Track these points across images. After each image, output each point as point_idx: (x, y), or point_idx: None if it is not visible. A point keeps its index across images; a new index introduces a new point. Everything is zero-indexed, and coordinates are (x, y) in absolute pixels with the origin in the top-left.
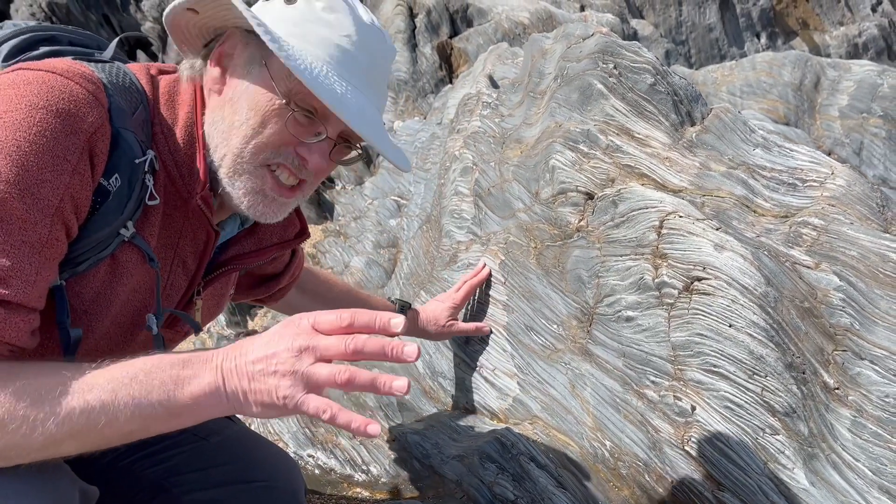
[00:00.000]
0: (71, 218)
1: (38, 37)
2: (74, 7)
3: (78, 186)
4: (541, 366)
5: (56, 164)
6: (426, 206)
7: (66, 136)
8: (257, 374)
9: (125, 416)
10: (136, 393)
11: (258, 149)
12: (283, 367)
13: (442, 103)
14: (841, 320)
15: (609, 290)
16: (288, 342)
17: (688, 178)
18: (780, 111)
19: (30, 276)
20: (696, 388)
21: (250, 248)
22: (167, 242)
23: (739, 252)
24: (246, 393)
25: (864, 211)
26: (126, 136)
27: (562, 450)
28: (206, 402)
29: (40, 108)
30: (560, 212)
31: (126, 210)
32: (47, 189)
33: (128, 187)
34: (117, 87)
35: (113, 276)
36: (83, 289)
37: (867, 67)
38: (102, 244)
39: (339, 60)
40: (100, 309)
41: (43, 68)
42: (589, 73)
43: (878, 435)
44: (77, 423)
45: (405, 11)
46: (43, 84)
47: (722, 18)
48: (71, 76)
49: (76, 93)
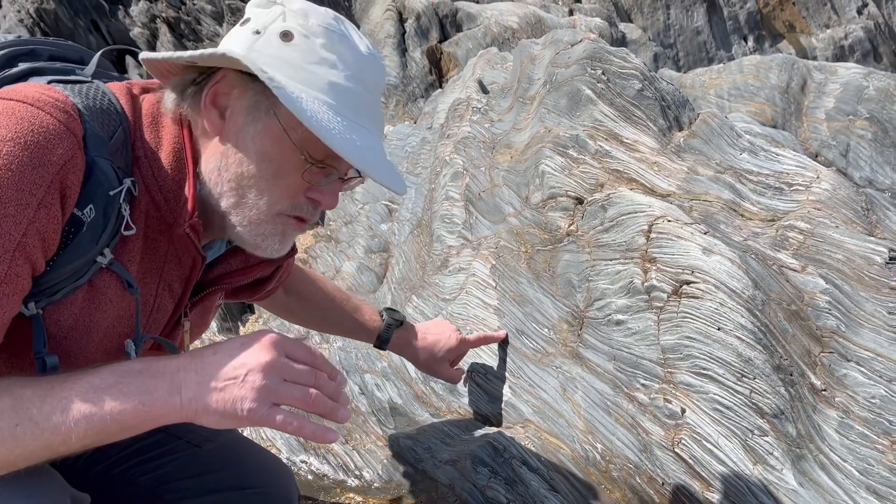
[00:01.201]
0: (36, 253)
1: (16, 52)
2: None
3: (44, 220)
4: (532, 370)
5: (20, 198)
6: (417, 211)
7: (32, 169)
8: (223, 384)
9: (77, 435)
10: (88, 410)
11: (274, 202)
12: (251, 378)
13: (432, 108)
14: (827, 322)
15: (599, 293)
16: (259, 356)
17: (676, 183)
18: (768, 114)
19: None
20: (686, 391)
21: (237, 266)
22: (151, 268)
23: (727, 256)
24: (206, 402)
25: (849, 214)
26: (102, 165)
27: (553, 453)
28: (160, 411)
29: (7, 141)
30: (550, 216)
31: (101, 240)
32: (9, 223)
33: (103, 217)
34: (94, 111)
35: (91, 302)
36: (61, 316)
37: (853, 70)
38: (78, 273)
39: (345, 102)
40: (79, 335)
41: (14, 97)
42: (577, 78)
43: (865, 436)
44: (29, 445)
45: (395, 16)
46: (12, 115)
47: (709, 21)
48: (42, 105)
49: (46, 124)
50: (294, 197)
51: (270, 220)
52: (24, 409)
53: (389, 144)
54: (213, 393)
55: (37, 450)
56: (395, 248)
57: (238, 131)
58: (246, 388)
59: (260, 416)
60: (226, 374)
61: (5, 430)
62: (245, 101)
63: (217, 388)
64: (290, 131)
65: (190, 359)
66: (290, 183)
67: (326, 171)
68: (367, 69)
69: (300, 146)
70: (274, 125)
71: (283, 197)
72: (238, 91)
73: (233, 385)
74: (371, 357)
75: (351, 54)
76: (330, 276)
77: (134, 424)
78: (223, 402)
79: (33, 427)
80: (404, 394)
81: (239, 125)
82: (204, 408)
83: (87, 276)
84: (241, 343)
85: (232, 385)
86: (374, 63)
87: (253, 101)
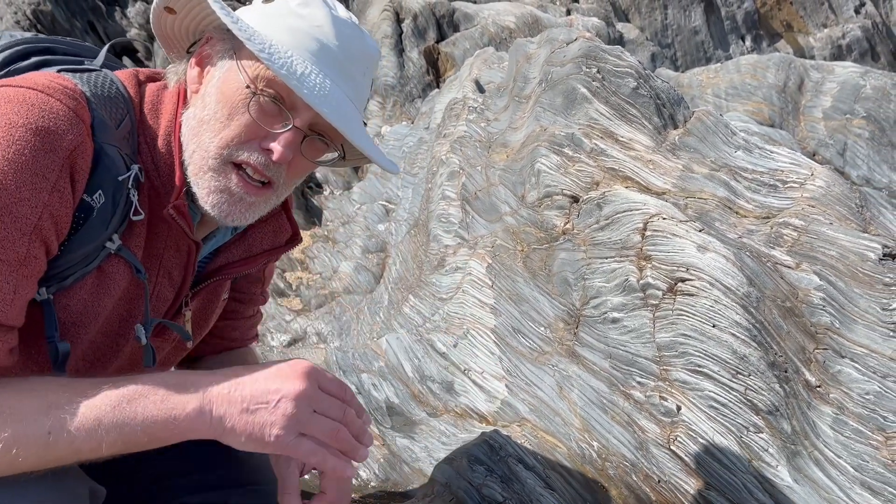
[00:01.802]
0: (50, 235)
1: (32, 48)
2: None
3: (57, 204)
4: (529, 368)
5: (34, 182)
6: (414, 211)
7: (44, 154)
8: (255, 406)
9: (108, 444)
10: (120, 421)
11: (224, 142)
12: (283, 405)
13: (429, 108)
14: (821, 319)
15: (595, 291)
16: (294, 384)
17: (671, 181)
18: (765, 113)
19: (7, 295)
20: (682, 388)
21: (239, 255)
22: (152, 254)
23: (722, 253)
24: (235, 423)
25: (844, 211)
26: (109, 151)
27: (550, 451)
28: (189, 426)
29: (19, 127)
30: (546, 215)
31: (110, 225)
32: (25, 207)
33: (112, 203)
34: (102, 98)
35: (100, 287)
36: (71, 301)
37: (850, 69)
38: (88, 258)
39: (308, 48)
40: (88, 320)
41: (24, 85)
42: (573, 77)
43: (860, 432)
44: (60, 451)
45: (392, 16)
46: (23, 102)
47: (707, 21)
48: (51, 92)
49: (56, 109)
50: (245, 140)
51: (217, 168)
52: (56, 415)
53: (387, 145)
54: (244, 415)
55: (66, 456)
56: (392, 247)
57: (209, 81)
58: (276, 414)
59: (286, 444)
60: (258, 397)
61: (38, 437)
62: (217, 50)
63: (247, 410)
64: (246, 68)
65: (224, 377)
66: (241, 122)
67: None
68: (342, 31)
69: (252, 81)
70: (234, 65)
71: (233, 136)
72: (215, 46)
73: (264, 410)
74: (368, 357)
75: (325, 13)
76: (327, 276)
77: (163, 437)
78: (252, 426)
79: (65, 435)
80: (401, 393)
81: (210, 75)
82: (231, 428)
83: (96, 262)
84: (276, 368)
85: (263, 409)
86: (353, 29)
87: (222, 47)
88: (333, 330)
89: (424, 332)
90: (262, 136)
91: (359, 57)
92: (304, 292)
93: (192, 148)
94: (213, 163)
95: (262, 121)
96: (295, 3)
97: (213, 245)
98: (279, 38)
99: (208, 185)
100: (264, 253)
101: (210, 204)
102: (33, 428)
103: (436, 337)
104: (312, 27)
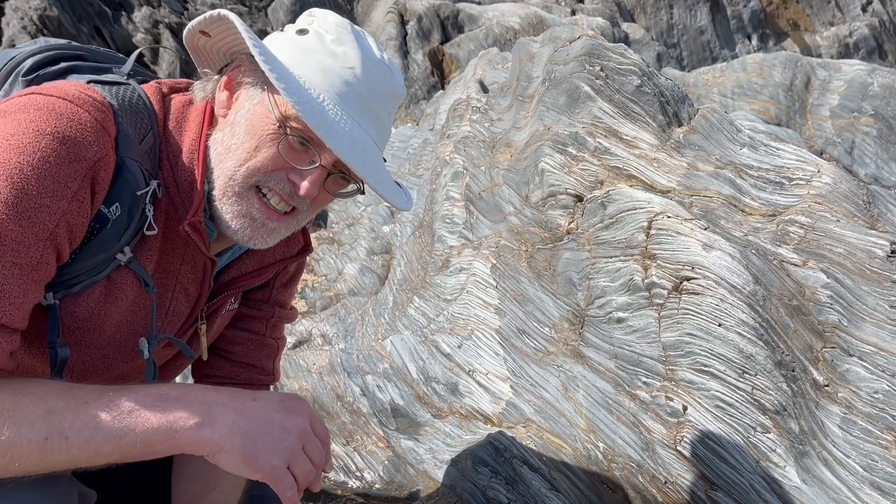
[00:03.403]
0: (64, 243)
1: (60, 55)
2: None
3: (75, 213)
4: (533, 369)
5: (56, 189)
6: (419, 212)
7: (69, 163)
8: (257, 434)
9: (105, 453)
10: (119, 431)
11: (250, 171)
12: (283, 438)
13: (434, 109)
14: (829, 317)
15: (600, 291)
16: (294, 420)
17: (676, 179)
18: (772, 112)
19: (16, 298)
20: (688, 388)
21: (252, 266)
22: (168, 269)
23: (727, 251)
24: (235, 444)
25: (851, 208)
26: (130, 165)
27: (555, 452)
28: (189, 440)
29: (47, 134)
30: (550, 214)
31: (123, 238)
32: (44, 214)
33: (127, 216)
34: (128, 111)
35: (107, 297)
36: (77, 308)
37: (857, 67)
38: (98, 268)
39: (339, 91)
40: (92, 328)
41: (54, 94)
42: (576, 75)
43: (868, 431)
44: (56, 458)
45: (396, 18)
46: (52, 110)
47: (713, 20)
48: (80, 103)
49: (84, 120)
50: (271, 171)
51: (241, 194)
52: (55, 421)
53: (391, 147)
54: (245, 438)
55: (62, 462)
56: (396, 249)
57: (238, 109)
58: (277, 444)
59: (277, 474)
60: (261, 424)
61: (35, 442)
62: (248, 81)
63: (249, 434)
64: (276, 106)
65: (230, 397)
66: (268, 156)
67: (309, 156)
68: (373, 71)
69: (282, 120)
70: (265, 99)
71: (259, 168)
72: (247, 74)
73: (265, 436)
74: (373, 359)
75: (358, 53)
76: (332, 278)
77: (161, 449)
78: (250, 449)
79: (63, 442)
80: (406, 395)
81: (240, 103)
82: (230, 448)
83: (105, 272)
84: (281, 401)
85: (265, 436)
86: (384, 69)
87: (254, 79)
88: (338, 332)
89: (429, 333)
90: (288, 169)
91: (385, 97)
92: (309, 294)
93: (217, 172)
94: (238, 188)
95: (289, 157)
96: (329, 38)
97: (227, 259)
98: (311, 79)
99: (232, 210)
100: (276, 263)
101: (234, 227)
102: (30, 433)
103: (440, 338)
104: (344, 69)
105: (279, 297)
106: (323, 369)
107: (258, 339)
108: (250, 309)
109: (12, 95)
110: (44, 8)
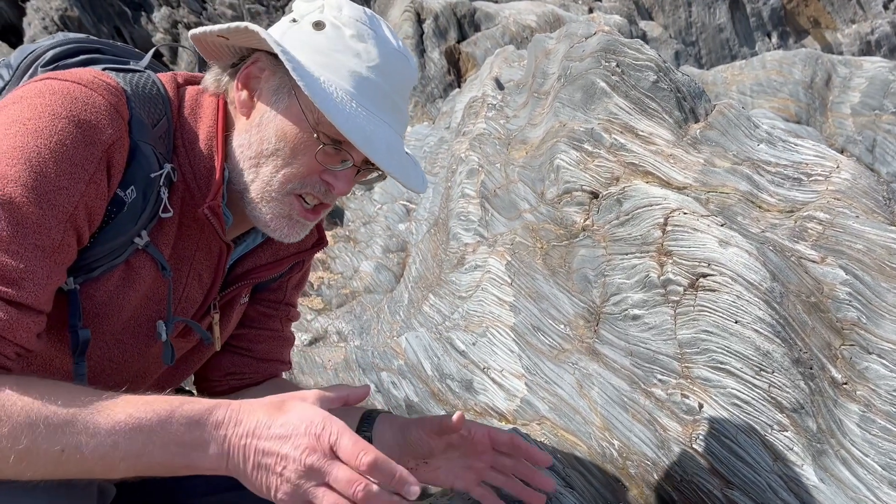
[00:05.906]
0: (83, 226)
1: (80, 48)
2: (86, 19)
3: (93, 196)
4: (548, 366)
5: (73, 172)
6: (434, 210)
7: (85, 146)
8: (262, 465)
9: (121, 470)
10: (137, 452)
11: (287, 178)
12: (287, 473)
13: (450, 107)
14: (848, 314)
15: (615, 288)
16: (302, 453)
17: (692, 175)
18: (792, 109)
19: (41, 280)
20: (704, 386)
21: (267, 259)
22: (183, 254)
23: (744, 248)
24: (245, 472)
25: (870, 204)
26: (144, 149)
27: (570, 450)
28: (205, 465)
29: (62, 118)
30: (565, 211)
31: (140, 221)
32: (63, 196)
33: (143, 199)
34: (141, 97)
35: (126, 281)
36: (96, 292)
37: (879, 64)
38: (116, 252)
39: (364, 92)
40: (111, 311)
41: (69, 79)
42: (592, 71)
43: (888, 430)
44: (70, 469)
45: (413, 17)
46: (67, 94)
47: (732, 18)
48: (94, 87)
49: (98, 104)
50: (307, 176)
51: (280, 199)
52: (72, 434)
53: (408, 145)
54: (255, 471)
55: (76, 474)
56: (412, 246)
57: (263, 111)
58: (282, 480)
59: None
60: (268, 457)
61: (49, 453)
62: (272, 83)
63: (258, 467)
64: (308, 112)
65: (248, 418)
66: (304, 162)
67: (341, 156)
68: (393, 64)
69: (315, 127)
70: (294, 106)
71: (297, 175)
72: (267, 73)
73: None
74: (388, 355)
75: (378, 50)
76: (348, 275)
77: (176, 469)
78: (260, 482)
79: (78, 455)
80: (420, 392)
81: (264, 105)
82: (245, 478)
83: (124, 256)
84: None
85: (270, 472)
86: (402, 59)
87: (278, 82)
88: (354, 329)
89: (444, 330)
90: (322, 171)
91: (405, 87)
92: (325, 292)
93: (250, 176)
94: (276, 194)
95: (325, 162)
96: (349, 34)
97: (242, 250)
98: (341, 86)
99: (272, 212)
100: (291, 256)
101: (272, 227)
102: (47, 443)
103: (455, 335)
104: (369, 68)
105: (292, 299)
106: (338, 366)
107: (279, 335)
108: (267, 309)
109: (28, 81)
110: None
